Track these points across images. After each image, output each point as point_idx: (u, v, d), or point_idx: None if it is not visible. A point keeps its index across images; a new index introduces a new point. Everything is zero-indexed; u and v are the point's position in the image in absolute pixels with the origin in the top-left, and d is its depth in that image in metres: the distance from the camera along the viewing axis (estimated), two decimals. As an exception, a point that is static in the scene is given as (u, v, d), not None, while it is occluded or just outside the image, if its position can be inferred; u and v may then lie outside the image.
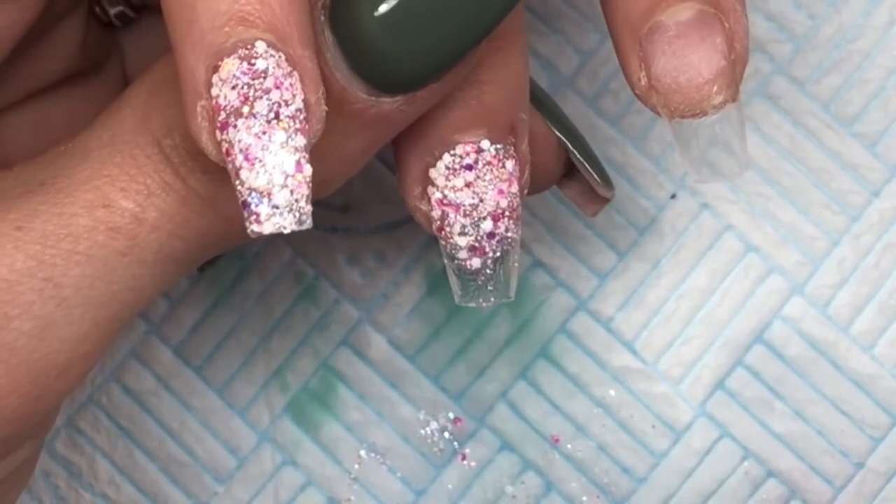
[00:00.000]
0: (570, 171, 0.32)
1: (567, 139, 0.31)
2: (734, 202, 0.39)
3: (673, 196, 0.39)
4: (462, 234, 0.28)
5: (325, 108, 0.25)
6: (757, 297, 0.38)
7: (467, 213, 0.28)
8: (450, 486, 0.38)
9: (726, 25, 0.28)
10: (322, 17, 0.26)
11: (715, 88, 0.28)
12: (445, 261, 0.29)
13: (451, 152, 0.28)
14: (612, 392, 0.38)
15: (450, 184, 0.28)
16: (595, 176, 0.32)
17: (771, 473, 0.38)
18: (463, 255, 0.29)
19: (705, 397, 0.38)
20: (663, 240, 0.39)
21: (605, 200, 0.33)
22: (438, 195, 0.28)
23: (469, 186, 0.28)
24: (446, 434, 0.39)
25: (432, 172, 0.28)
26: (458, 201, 0.28)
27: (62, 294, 0.27)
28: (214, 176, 0.27)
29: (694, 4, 0.28)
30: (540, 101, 0.31)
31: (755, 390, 0.38)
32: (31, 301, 0.26)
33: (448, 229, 0.28)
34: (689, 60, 0.28)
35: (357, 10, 0.26)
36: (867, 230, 0.38)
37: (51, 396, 0.28)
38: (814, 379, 0.38)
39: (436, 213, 0.28)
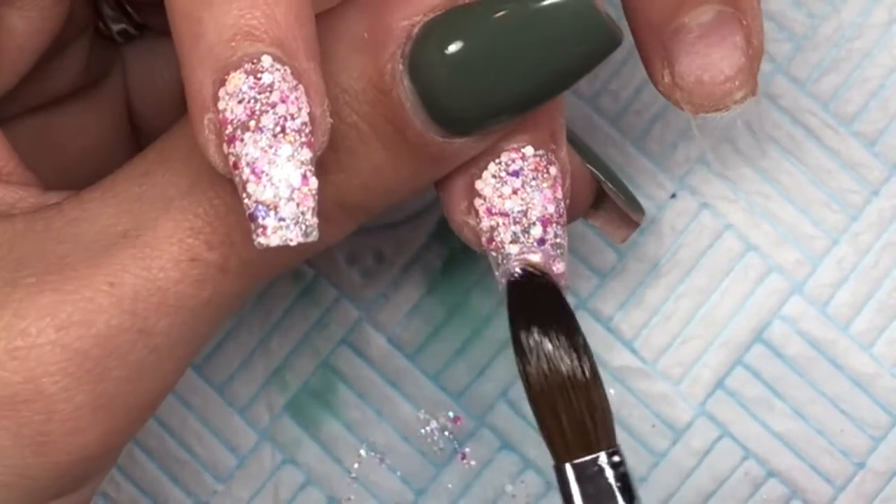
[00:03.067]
0: (597, 201, 0.33)
1: (598, 170, 0.32)
2: (734, 201, 0.39)
3: (673, 195, 0.39)
4: (514, 241, 0.28)
5: (331, 120, 0.25)
6: (756, 297, 0.38)
7: (517, 220, 0.28)
8: (450, 485, 0.38)
9: (744, 23, 0.29)
10: (401, 66, 0.26)
11: (737, 84, 0.29)
12: (497, 274, 0.29)
13: (497, 161, 0.28)
14: (611, 391, 0.38)
15: (497, 192, 0.28)
16: (627, 204, 0.33)
17: (771, 473, 0.38)
18: (515, 264, 0.29)
19: (705, 397, 0.38)
20: (663, 239, 0.39)
21: (634, 225, 0.34)
22: (487, 206, 0.28)
23: (516, 193, 0.28)
24: (446, 433, 0.39)
25: (478, 184, 0.28)
26: (507, 209, 0.28)
27: (153, 342, 0.28)
28: None
29: (714, 6, 0.28)
30: (570, 135, 0.31)
31: (755, 390, 0.38)
32: (126, 352, 0.27)
33: (499, 239, 0.28)
34: (711, 60, 0.29)
35: (428, 51, 0.26)
36: (866, 229, 0.38)
37: (139, 428, 0.29)
38: (813, 378, 0.38)
39: (485, 225, 0.29)
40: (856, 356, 0.38)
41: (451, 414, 0.39)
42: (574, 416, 0.28)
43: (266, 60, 0.24)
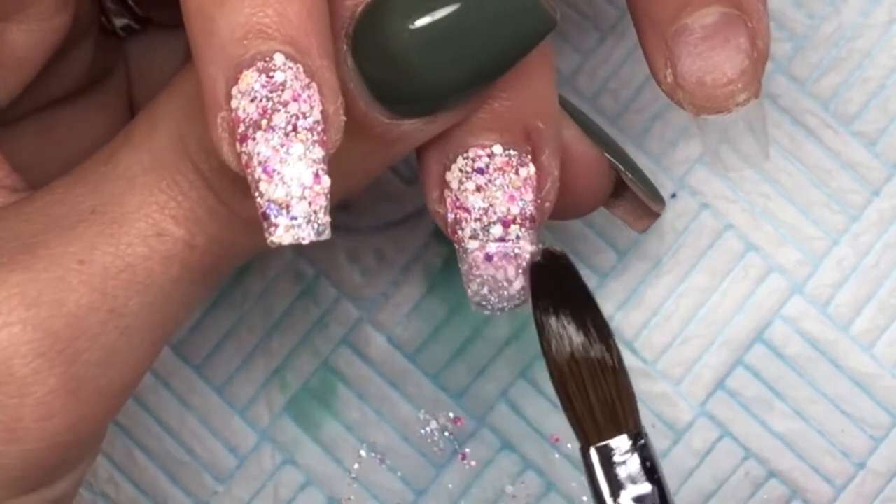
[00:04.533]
0: (617, 191, 0.33)
1: (617, 161, 0.32)
2: (734, 201, 0.39)
3: (673, 195, 0.39)
4: (472, 237, 0.28)
5: (344, 118, 0.25)
6: (757, 297, 0.38)
7: (478, 217, 0.28)
8: (450, 485, 0.38)
9: (749, 25, 0.29)
10: (345, 47, 0.26)
11: (739, 86, 0.29)
12: (460, 265, 0.29)
13: (464, 155, 0.28)
14: (612, 391, 0.38)
15: (462, 187, 0.28)
16: (647, 193, 0.33)
17: (772, 473, 0.38)
18: (473, 259, 0.29)
19: (705, 397, 0.38)
20: (663, 239, 0.39)
21: (655, 215, 0.34)
22: (452, 198, 0.29)
23: (480, 190, 0.28)
24: (446, 433, 0.39)
25: (447, 175, 0.29)
26: (469, 204, 0.28)
27: (124, 323, 0.28)
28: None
29: (718, 7, 0.29)
30: (587, 126, 0.31)
31: (755, 390, 0.38)
32: (97, 333, 0.27)
33: (460, 233, 0.29)
34: (714, 62, 0.29)
35: (387, 29, 0.26)
36: (867, 229, 0.38)
37: (111, 416, 0.29)
38: (814, 378, 0.38)
39: (450, 217, 0.29)
40: (856, 356, 0.38)
41: (451, 414, 0.39)
42: (603, 397, 0.29)
43: (278, 58, 0.24)
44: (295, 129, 0.24)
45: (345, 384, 0.39)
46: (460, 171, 0.28)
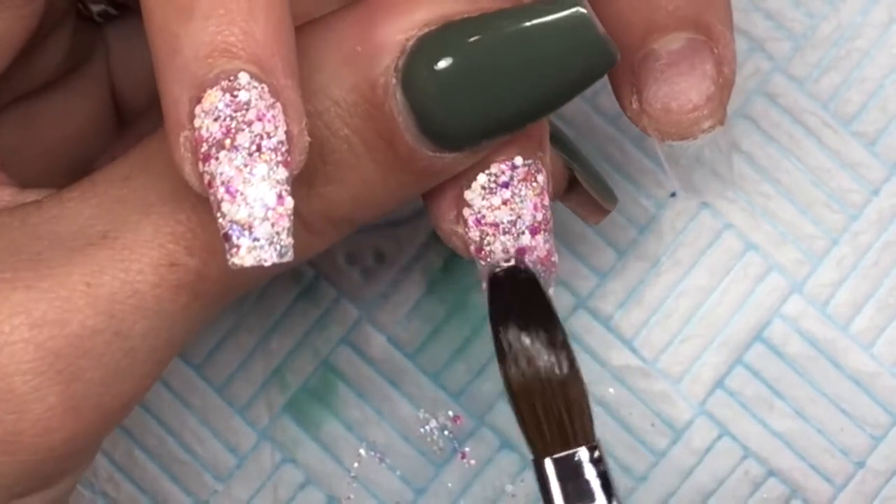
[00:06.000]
0: (571, 185, 0.32)
1: (571, 159, 0.32)
2: (734, 201, 0.39)
3: (672, 195, 0.39)
4: (504, 251, 0.28)
5: (308, 138, 0.25)
6: (756, 296, 0.38)
7: (507, 230, 0.28)
8: (449, 484, 0.38)
9: (715, 52, 0.28)
10: (394, 80, 0.26)
11: (705, 113, 0.29)
12: (483, 282, 0.29)
13: (487, 172, 0.28)
14: (611, 390, 0.38)
15: (487, 203, 0.28)
16: (599, 192, 0.33)
17: (771, 472, 0.38)
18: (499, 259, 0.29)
19: (705, 396, 0.38)
20: (663, 238, 0.39)
21: (606, 211, 0.34)
22: (476, 216, 0.28)
23: (506, 204, 0.28)
24: (446, 432, 0.39)
25: (468, 194, 0.28)
26: (498, 220, 0.28)
27: (130, 345, 0.27)
28: None
29: (685, 34, 0.28)
30: None
31: (755, 389, 0.38)
32: (101, 353, 0.27)
33: (488, 248, 0.28)
34: (680, 88, 0.29)
35: (422, 66, 0.26)
36: (866, 229, 0.38)
37: (110, 430, 0.29)
38: (813, 377, 0.38)
39: (474, 235, 0.28)
40: (856, 355, 0.38)
41: (450, 413, 0.39)
42: (551, 411, 0.28)
43: (243, 77, 0.24)
44: (259, 149, 0.24)
45: (344, 383, 0.39)
46: (483, 188, 0.28)
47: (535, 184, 0.28)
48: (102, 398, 0.28)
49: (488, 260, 0.29)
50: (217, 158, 0.24)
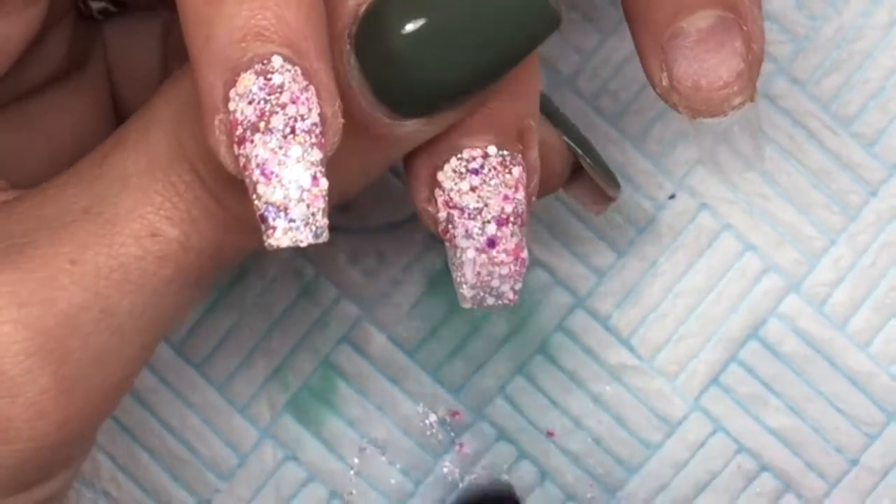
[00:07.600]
0: (574, 173, 0.33)
1: (576, 145, 0.32)
2: (733, 202, 0.39)
3: (672, 196, 0.39)
4: (466, 236, 0.28)
5: (342, 120, 0.25)
6: (753, 295, 0.39)
7: (472, 216, 0.28)
8: (446, 471, 0.39)
9: (744, 28, 0.28)
10: (347, 46, 0.26)
11: (735, 90, 0.29)
12: (450, 264, 0.29)
13: (459, 156, 0.28)
14: (608, 388, 0.39)
15: (456, 187, 0.28)
16: (604, 179, 0.33)
17: (764, 467, 0.38)
18: (465, 258, 0.29)
19: (699, 392, 0.39)
20: (661, 239, 0.39)
21: (610, 200, 0.34)
22: (445, 197, 0.28)
23: (474, 191, 0.28)
24: (445, 426, 0.39)
25: (440, 175, 0.28)
26: (463, 204, 0.28)
27: (116, 322, 0.27)
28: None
29: (714, 11, 0.28)
30: (546, 109, 0.31)
31: (750, 386, 0.38)
32: (89, 333, 0.27)
33: (452, 231, 0.29)
34: (709, 65, 0.29)
35: (385, 29, 0.26)
36: (864, 229, 0.39)
37: (102, 417, 0.29)
38: (809, 376, 0.38)
39: (441, 215, 0.29)
40: (852, 355, 0.38)
41: (449, 408, 0.39)
42: None
43: (276, 61, 0.24)
44: (293, 131, 0.24)
45: (345, 381, 0.39)
46: (454, 171, 0.28)
47: (507, 176, 0.28)
48: (92, 380, 0.27)
49: (452, 243, 0.29)
50: (252, 141, 0.24)
